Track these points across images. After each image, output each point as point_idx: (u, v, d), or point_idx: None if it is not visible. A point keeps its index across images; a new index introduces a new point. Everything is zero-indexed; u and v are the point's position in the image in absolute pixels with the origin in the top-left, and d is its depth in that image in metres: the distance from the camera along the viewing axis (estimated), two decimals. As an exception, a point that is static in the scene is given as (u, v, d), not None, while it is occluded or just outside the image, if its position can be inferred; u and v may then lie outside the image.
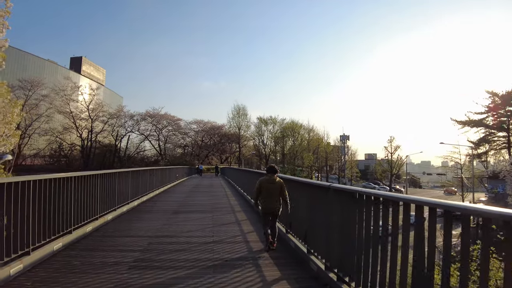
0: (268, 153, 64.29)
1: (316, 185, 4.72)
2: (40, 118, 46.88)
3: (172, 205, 10.75)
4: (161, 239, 5.98)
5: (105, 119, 53.88)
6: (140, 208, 9.79)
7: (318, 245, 4.46)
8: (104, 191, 7.31)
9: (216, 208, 10.03)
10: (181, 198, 12.96)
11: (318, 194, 4.54)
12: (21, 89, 44.77)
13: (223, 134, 63.96)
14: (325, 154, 61.07)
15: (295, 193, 5.69)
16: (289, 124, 63.10)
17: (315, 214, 4.65)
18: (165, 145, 60.60)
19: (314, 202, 4.74)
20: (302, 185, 5.49)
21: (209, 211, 9.50)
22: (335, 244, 3.91)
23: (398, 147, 60.43)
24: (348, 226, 3.62)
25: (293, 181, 6.10)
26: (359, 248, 3.36)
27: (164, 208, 9.96)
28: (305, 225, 5.03)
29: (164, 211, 9.35)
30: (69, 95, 50.29)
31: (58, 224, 5.12)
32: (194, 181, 26.20)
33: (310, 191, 4.92)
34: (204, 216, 8.49)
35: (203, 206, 10.68)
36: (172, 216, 8.60)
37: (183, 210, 9.61)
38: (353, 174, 61.47)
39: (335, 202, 3.94)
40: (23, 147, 45.14)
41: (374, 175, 77.06)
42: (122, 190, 8.92)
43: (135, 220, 7.87)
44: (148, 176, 12.80)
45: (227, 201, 12.20)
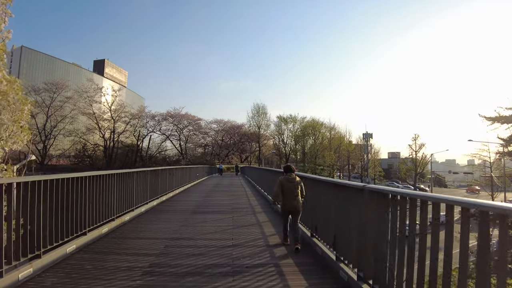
0: (288, 152, 63.61)
1: (346, 185, 4.23)
2: (65, 119, 48.34)
3: (191, 205, 10.50)
4: (178, 241, 5.69)
5: (127, 120, 54.93)
6: (159, 208, 9.59)
7: (349, 252, 4.00)
8: (121, 191, 7.11)
9: (236, 209, 9.69)
10: (200, 197, 12.72)
11: (349, 196, 4.05)
12: (47, 91, 46.37)
13: (243, 133, 63.88)
14: (347, 152, 59.74)
15: (321, 193, 5.31)
16: (310, 122, 62.29)
17: (346, 218, 4.19)
18: (186, 145, 61.15)
19: (344, 204, 4.27)
20: (330, 185, 4.97)
21: (229, 211, 9.17)
22: (370, 252, 3.45)
23: (422, 145, 58.33)
24: (385, 232, 3.16)
25: (318, 181, 5.68)
26: (400, 258, 2.90)
27: (183, 208, 9.71)
28: (333, 229, 4.57)
29: (182, 211, 9.10)
30: (92, 97, 51.50)
31: (72, 226, 4.92)
32: (214, 180, 26.10)
33: (339, 192, 4.42)
34: (224, 217, 8.17)
35: (223, 206, 10.38)
36: (190, 216, 8.33)
37: (202, 211, 9.33)
38: (377, 173, 59.71)
39: (371, 205, 3.48)
40: (49, 148, 46.77)
41: (397, 174, 74.87)
42: (140, 190, 8.73)
43: (153, 221, 7.64)
44: (168, 176, 12.65)
45: (247, 201, 11.86)
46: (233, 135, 64.53)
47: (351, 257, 3.93)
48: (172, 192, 13.06)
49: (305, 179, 5.94)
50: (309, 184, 5.84)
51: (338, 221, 4.45)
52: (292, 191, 5.40)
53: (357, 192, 3.83)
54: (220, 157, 60.94)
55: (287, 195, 5.42)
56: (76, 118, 50.78)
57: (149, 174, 9.66)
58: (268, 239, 5.88)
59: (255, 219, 8.01)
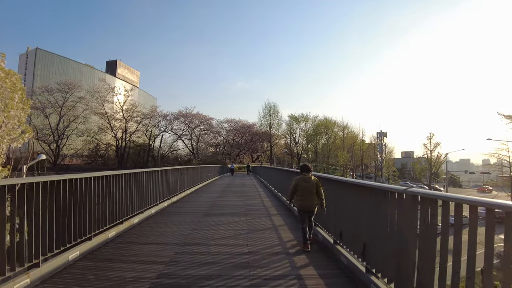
0: (300, 152, 62.84)
1: (381, 188, 3.71)
2: (77, 119, 48.69)
3: (203, 206, 10.10)
4: (189, 247, 5.26)
5: (139, 119, 55.06)
6: (169, 210, 9.22)
7: (384, 265, 3.50)
8: (130, 192, 6.75)
9: (249, 211, 9.25)
10: (212, 198, 12.32)
11: (384, 200, 3.56)
12: (59, 91, 46.75)
13: (254, 133, 63.49)
14: (360, 152, 58.63)
15: (348, 197, 4.80)
16: (322, 121, 61.38)
17: (379, 225, 3.69)
18: (197, 144, 61.09)
19: (376, 209, 3.76)
20: (359, 188, 4.37)
21: (242, 213, 8.74)
22: (410, 266, 2.94)
23: (438, 144, 56.97)
24: (431, 244, 2.68)
25: (343, 183, 5.18)
26: (455, 275, 2.38)
27: (194, 210, 9.32)
28: (363, 237, 4.06)
29: (194, 213, 8.70)
30: (104, 96, 51.73)
31: (75, 230, 4.56)
32: (226, 180, 25.66)
33: (370, 195, 3.93)
34: (237, 220, 7.72)
35: (236, 208, 9.93)
36: (202, 219, 7.92)
37: (214, 213, 8.91)
38: (391, 173, 58.38)
39: (411, 211, 2.99)
40: (62, 147, 47.18)
41: (411, 173, 73.44)
42: (150, 191, 8.38)
43: (163, 223, 7.26)
44: (179, 176, 12.29)
45: (261, 202, 11.39)
46: (244, 134, 64.21)
47: (387, 271, 3.43)
48: (183, 192, 12.71)
49: (328, 181, 5.69)
50: (331, 186, 5.53)
51: (369, 228, 3.96)
52: (308, 191, 5.31)
53: (392, 196, 3.36)
54: (232, 157, 60.67)
55: (303, 195, 5.34)
56: (88, 118, 51.15)
57: (159, 174, 9.31)
58: (287, 245, 5.42)
59: (270, 222, 7.55)
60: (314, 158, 58.78)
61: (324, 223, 5.90)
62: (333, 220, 5.35)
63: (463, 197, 2.37)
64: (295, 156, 61.80)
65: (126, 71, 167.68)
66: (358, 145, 59.73)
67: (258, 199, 12.39)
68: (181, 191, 12.42)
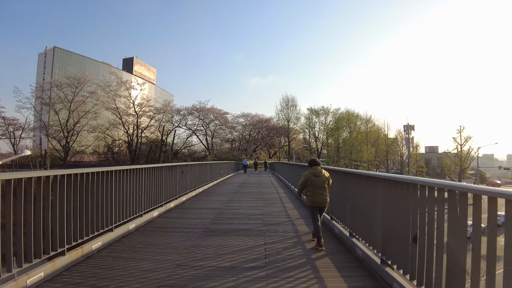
0: (320, 147, 59.57)
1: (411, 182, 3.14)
2: (88, 115, 47.07)
3: (206, 217, 7.53)
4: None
5: (151, 114, 53.03)
6: (159, 223, 6.70)
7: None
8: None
9: (269, 225, 6.61)
10: (220, 204, 9.70)
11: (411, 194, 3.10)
12: (69, 86, 45.20)
13: (271, 127, 60.86)
14: (385, 147, 54.87)
15: (365, 190, 4.55)
16: (344, 114, 57.77)
17: (398, 219, 3.32)
18: (212, 140, 58.89)
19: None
20: (378, 180, 4.04)
21: (259, 230, 6.11)
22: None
23: (469, 137, 53.23)
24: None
25: (360, 175, 5.01)
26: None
27: (192, 223, 6.73)
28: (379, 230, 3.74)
29: (190, 230, 6.11)
30: (115, 91, 49.76)
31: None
32: (240, 178, 22.80)
33: (391, 189, 3.56)
34: (251, 244, 5.07)
35: (250, 219, 7.23)
36: (200, 240, 5.31)
37: (219, 228, 6.26)
38: (418, 169, 54.33)
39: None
40: (72, 144, 45.70)
41: (436, 170, 69.86)
42: (132, 195, 5.96)
43: (140, 248, 4.75)
44: (179, 175, 9.81)
45: (283, 210, 8.72)
46: (261, 129, 61.69)
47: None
48: (186, 195, 10.24)
49: (348, 175, 5.59)
50: (347, 179, 5.54)
51: (387, 223, 3.66)
52: (319, 185, 5.15)
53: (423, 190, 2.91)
54: (248, 153, 58.33)
55: (314, 190, 5.16)
56: (99, 113, 49.48)
57: (146, 173, 6.81)
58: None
59: (302, 250, 4.85)
60: (336, 154, 55.38)
61: (340, 216, 5.86)
62: (349, 213, 5.28)
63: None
64: (315, 151, 58.65)
65: (143, 68, 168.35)
66: (382, 139, 55.95)
67: (278, 204, 9.75)
68: (183, 193, 9.97)
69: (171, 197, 8.81)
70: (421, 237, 2.85)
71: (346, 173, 5.62)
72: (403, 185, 3.35)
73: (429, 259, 2.74)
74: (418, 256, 2.89)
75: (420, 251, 2.86)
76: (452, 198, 2.56)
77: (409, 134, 50.33)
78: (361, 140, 53.79)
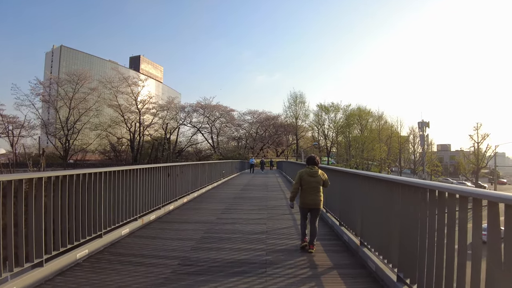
0: (330, 145, 57.22)
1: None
2: (89, 112, 45.60)
3: (190, 236, 5.62)
4: None
5: (155, 112, 51.26)
6: (124, 247, 4.85)
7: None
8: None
9: (274, 252, 4.68)
10: (214, 215, 7.79)
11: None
12: (69, 82, 43.67)
13: (279, 125, 58.82)
14: (398, 145, 52.34)
15: (379, 195, 3.96)
16: (355, 111, 55.18)
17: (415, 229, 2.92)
18: (217, 138, 57.06)
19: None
20: (396, 185, 3.52)
21: (259, 263, 4.20)
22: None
23: (486, 135, 50.55)
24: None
25: (377, 179, 4.08)
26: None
27: (171, 248, 4.86)
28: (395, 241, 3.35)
29: (163, 260, 4.24)
30: (117, 87, 48.06)
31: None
32: (244, 179, 20.80)
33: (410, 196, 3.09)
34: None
35: (248, 242, 5.28)
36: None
37: (202, 260, 4.32)
38: (433, 168, 51.69)
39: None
40: (72, 142, 44.20)
41: (449, 169, 67.19)
42: (87, 208, 4.33)
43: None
44: (166, 178, 8.01)
45: (294, 225, 6.68)
46: (268, 127, 59.72)
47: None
48: (174, 202, 8.44)
49: (355, 177, 5.13)
50: (356, 181, 5.03)
51: (404, 233, 3.17)
52: (313, 186, 4.83)
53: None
54: (255, 151, 56.43)
55: (307, 190, 4.83)
56: (101, 111, 47.86)
57: (114, 178, 5.03)
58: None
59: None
60: (346, 152, 52.99)
61: (349, 222, 5.36)
62: (359, 219, 4.77)
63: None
64: (324, 150, 56.37)
65: (150, 66, 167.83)
66: (396, 137, 53.40)
67: (287, 215, 7.84)
68: (170, 201, 8.17)
69: (152, 206, 7.02)
70: (449, 252, 2.40)
71: (357, 175, 5.07)
72: (425, 192, 2.87)
73: (461, 280, 2.22)
74: (445, 278, 2.43)
75: (448, 271, 2.40)
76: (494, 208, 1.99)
77: (424, 131, 47.74)
78: (373, 138, 51.27)
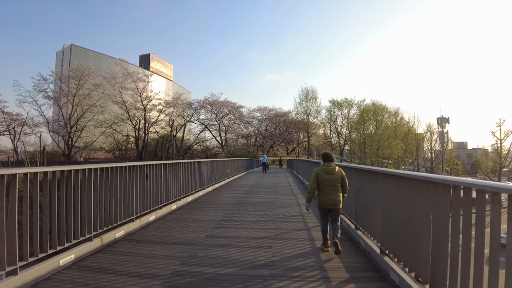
0: (343, 143, 54.72)
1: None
2: (94, 109, 44.30)
3: (156, 273, 3.75)
4: None
5: (161, 108, 49.62)
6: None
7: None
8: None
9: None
10: (203, 232, 5.70)
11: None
12: (72, 78, 42.37)
13: (290, 122, 56.71)
14: (415, 142, 49.66)
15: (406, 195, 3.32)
16: (369, 107, 52.55)
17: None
18: (226, 135, 55.22)
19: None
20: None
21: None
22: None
23: (510, 132, 47.81)
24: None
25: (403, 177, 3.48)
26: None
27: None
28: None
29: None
30: (121, 83, 46.52)
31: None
32: (251, 179, 18.69)
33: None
34: None
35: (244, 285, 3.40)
36: None
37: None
38: (452, 167, 48.91)
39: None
40: (76, 140, 42.96)
41: (466, 167, 64.45)
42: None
43: None
44: (145, 181, 6.17)
45: (313, 249, 4.78)
46: (278, 124, 57.66)
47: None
48: (153, 213, 6.57)
49: (375, 175, 4.42)
50: (375, 180, 4.34)
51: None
52: (331, 184, 4.45)
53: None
54: (264, 149, 54.46)
55: (324, 189, 4.47)
56: (106, 108, 46.48)
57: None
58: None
59: None
60: (361, 150, 50.50)
61: (367, 226, 4.70)
62: (379, 224, 4.09)
63: None
64: (336, 147, 53.93)
65: (160, 64, 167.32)
66: (412, 134, 50.68)
67: (306, 242, 5.56)
68: (140, 214, 6.19)
69: (122, 218, 5.18)
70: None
71: (377, 173, 4.37)
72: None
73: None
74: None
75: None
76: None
77: (443, 128, 45.02)
78: (389, 134, 48.73)
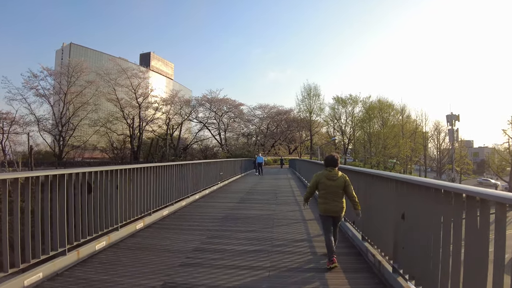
0: (347, 142, 52.65)
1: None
2: (87, 107, 42.48)
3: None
4: None
5: (157, 106, 47.65)
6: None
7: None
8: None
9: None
10: (164, 274, 3.82)
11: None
12: (63, 75, 40.55)
13: (292, 120, 54.67)
14: (423, 141, 47.65)
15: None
16: (375, 104, 50.34)
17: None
18: (225, 134, 53.26)
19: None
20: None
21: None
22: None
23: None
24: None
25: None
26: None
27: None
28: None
29: None
30: (115, 79, 44.53)
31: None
32: (248, 183, 16.71)
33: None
34: None
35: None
36: None
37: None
38: (463, 167, 46.86)
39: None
40: (68, 139, 41.14)
41: (472, 166, 62.50)
42: None
43: None
44: (85, 195, 4.31)
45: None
46: (279, 122, 55.67)
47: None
48: (106, 236, 4.70)
49: (382, 180, 4.06)
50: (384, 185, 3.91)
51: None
52: (333, 191, 4.11)
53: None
54: (266, 148, 52.51)
55: (326, 196, 4.13)
56: (99, 106, 44.62)
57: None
58: None
59: None
60: (366, 149, 48.43)
61: (376, 238, 4.18)
62: (392, 238, 3.55)
63: None
64: (340, 147, 51.93)
65: (160, 63, 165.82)
66: (420, 132, 48.63)
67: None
68: (58, 250, 4.38)
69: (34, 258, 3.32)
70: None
71: (389, 179, 3.82)
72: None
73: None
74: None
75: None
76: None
77: (453, 125, 42.85)
78: (395, 133, 46.60)
